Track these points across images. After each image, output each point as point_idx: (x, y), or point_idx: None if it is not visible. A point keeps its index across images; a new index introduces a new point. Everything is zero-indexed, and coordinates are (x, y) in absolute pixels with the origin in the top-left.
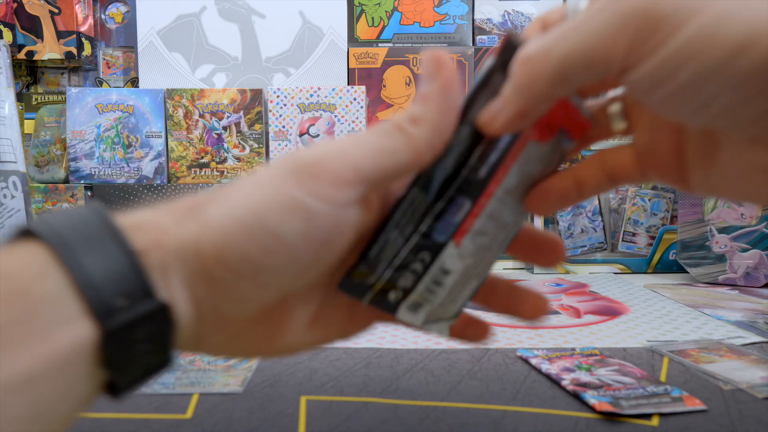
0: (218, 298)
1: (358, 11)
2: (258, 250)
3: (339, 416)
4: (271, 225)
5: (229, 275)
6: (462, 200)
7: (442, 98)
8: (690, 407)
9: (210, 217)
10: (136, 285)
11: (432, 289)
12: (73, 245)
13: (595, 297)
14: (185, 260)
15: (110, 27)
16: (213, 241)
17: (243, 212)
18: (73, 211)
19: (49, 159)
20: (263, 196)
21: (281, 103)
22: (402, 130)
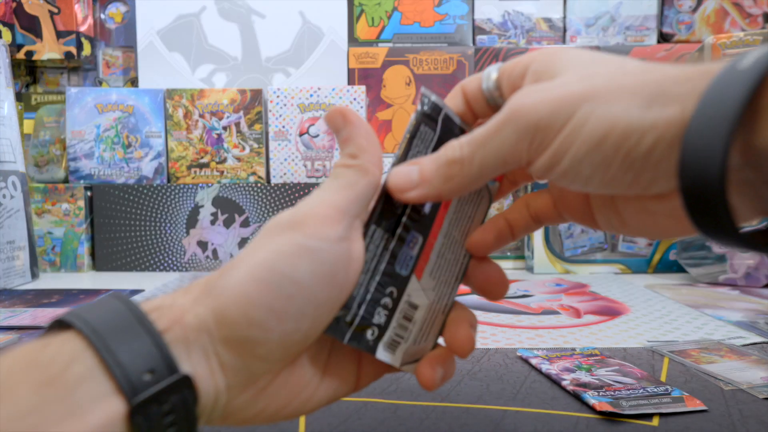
0: (247, 359)
1: (358, 11)
2: (280, 300)
3: (339, 416)
4: (286, 272)
5: (258, 332)
6: (415, 234)
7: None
8: (690, 407)
9: (228, 286)
10: (160, 361)
11: (404, 324)
12: (102, 330)
13: (596, 297)
14: (209, 333)
15: (110, 27)
16: (238, 306)
17: (258, 270)
18: (100, 302)
19: (49, 159)
20: (270, 251)
21: (281, 103)
22: (349, 167)
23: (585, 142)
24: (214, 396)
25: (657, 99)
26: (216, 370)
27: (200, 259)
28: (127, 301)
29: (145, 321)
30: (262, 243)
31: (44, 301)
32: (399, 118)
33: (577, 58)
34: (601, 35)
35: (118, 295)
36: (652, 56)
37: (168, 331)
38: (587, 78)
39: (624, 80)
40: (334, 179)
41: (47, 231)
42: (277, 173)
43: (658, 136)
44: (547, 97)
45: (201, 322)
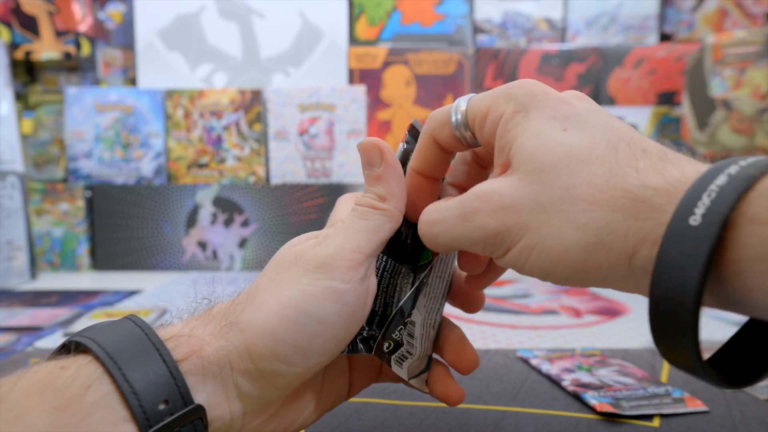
0: (266, 389)
1: (358, 11)
2: (306, 337)
3: (339, 416)
4: (314, 312)
5: (282, 366)
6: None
7: (393, 174)
8: (691, 408)
9: (256, 322)
10: (175, 391)
11: (410, 341)
12: (118, 357)
13: (595, 297)
14: (230, 365)
15: (109, 26)
16: (265, 342)
17: (286, 309)
18: (117, 325)
19: (48, 159)
20: (298, 291)
21: (281, 103)
22: (377, 210)
23: (535, 267)
24: (228, 422)
25: (604, 238)
26: (233, 398)
27: (200, 259)
28: (145, 326)
29: (162, 349)
30: (288, 279)
31: (43, 301)
32: (399, 118)
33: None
34: (602, 35)
35: (136, 318)
36: (652, 56)
37: (185, 360)
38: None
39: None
40: (361, 219)
41: (46, 231)
42: (276, 173)
43: (604, 275)
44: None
45: (221, 356)
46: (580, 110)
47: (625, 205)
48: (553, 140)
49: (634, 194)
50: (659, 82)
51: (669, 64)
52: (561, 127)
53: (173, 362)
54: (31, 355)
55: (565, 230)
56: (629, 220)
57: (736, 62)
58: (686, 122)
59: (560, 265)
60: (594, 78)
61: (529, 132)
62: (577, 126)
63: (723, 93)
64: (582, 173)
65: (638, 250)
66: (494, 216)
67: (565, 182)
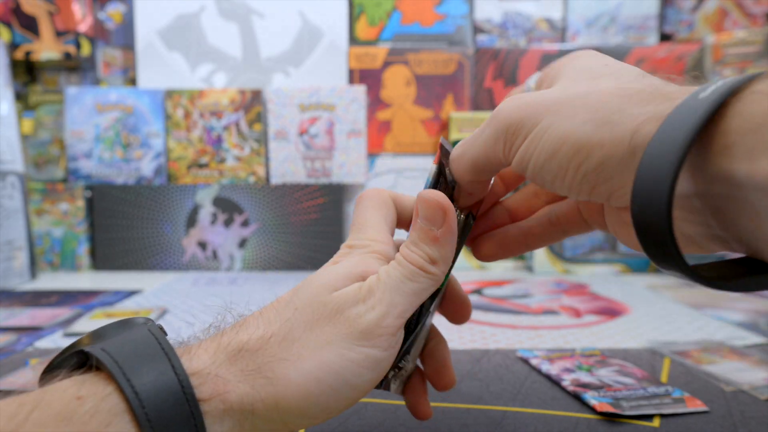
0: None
1: (358, 11)
2: (337, 402)
3: (339, 416)
4: (350, 380)
5: (306, 420)
6: None
7: (450, 239)
8: (691, 408)
9: (292, 380)
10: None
11: (406, 357)
12: (141, 392)
13: (596, 297)
14: (254, 413)
15: (109, 26)
16: (297, 400)
17: (326, 375)
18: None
19: (48, 159)
20: (340, 356)
21: (281, 103)
22: (428, 273)
23: (543, 151)
24: None
25: (612, 117)
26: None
27: (200, 259)
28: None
29: (189, 394)
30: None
31: (43, 301)
32: (399, 118)
33: (580, 68)
34: (602, 35)
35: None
36: (652, 56)
37: (207, 401)
38: (566, 89)
39: (591, 96)
40: (409, 281)
41: (46, 231)
42: (276, 173)
43: (605, 154)
44: (521, 104)
45: (245, 403)
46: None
47: (643, 95)
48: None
49: (655, 87)
50: None
51: (669, 64)
52: (603, 62)
53: (195, 403)
54: (31, 355)
55: (579, 111)
56: (643, 105)
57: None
58: None
59: (565, 144)
60: None
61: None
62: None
63: None
64: (610, 77)
65: (643, 126)
66: (518, 107)
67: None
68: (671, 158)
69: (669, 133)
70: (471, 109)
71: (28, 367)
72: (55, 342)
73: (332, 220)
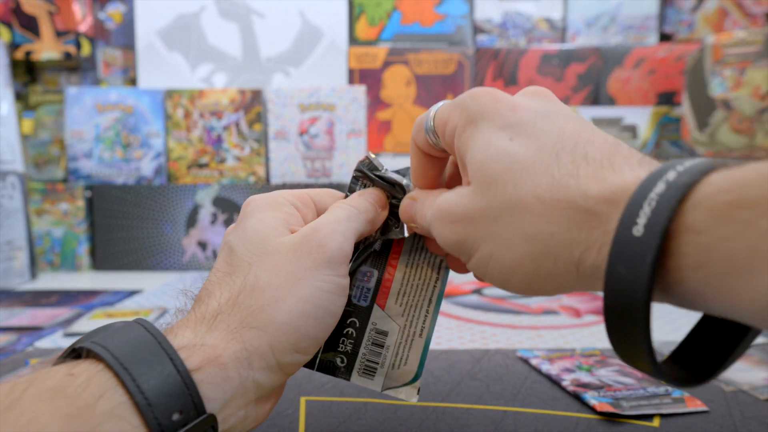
0: (281, 377)
1: (358, 11)
2: (322, 330)
3: (338, 417)
4: (329, 308)
5: (300, 356)
6: (369, 270)
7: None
8: (691, 408)
9: (278, 321)
10: (189, 401)
11: (375, 350)
12: (131, 366)
13: (595, 297)
14: (251, 365)
15: (109, 26)
16: (289, 338)
17: (307, 306)
18: (126, 330)
19: (48, 159)
20: (315, 288)
21: (281, 103)
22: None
23: (494, 276)
24: (243, 416)
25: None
26: (250, 396)
27: (200, 259)
28: (156, 332)
29: (176, 359)
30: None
31: (43, 301)
32: (399, 118)
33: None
34: (602, 35)
35: (145, 322)
36: (652, 56)
37: (199, 370)
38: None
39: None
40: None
41: (46, 231)
42: (276, 173)
43: (558, 282)
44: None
45: (240, 359)
46: (529, 116)
47: (569, 216)
48: (499, 151)
49: (577, 204)
50: (659, 82)
51: (669, 64)
52: (508, 136)
53: (187, 372)
54: (31, 355)
55: (514, 241)
56: (573, 231)
57: (736, 62)
58: (686, 122)
59: (515, 275)
60: (594, 78)
61: (477, 144)
62: (523, 134)
63: (723, 93)
64: (527, 184)
65: (584, 258)
66: (452, 227)
67: (511, 194)
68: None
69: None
70: None
71: (28, 367)
72: (55, 342)
73: None
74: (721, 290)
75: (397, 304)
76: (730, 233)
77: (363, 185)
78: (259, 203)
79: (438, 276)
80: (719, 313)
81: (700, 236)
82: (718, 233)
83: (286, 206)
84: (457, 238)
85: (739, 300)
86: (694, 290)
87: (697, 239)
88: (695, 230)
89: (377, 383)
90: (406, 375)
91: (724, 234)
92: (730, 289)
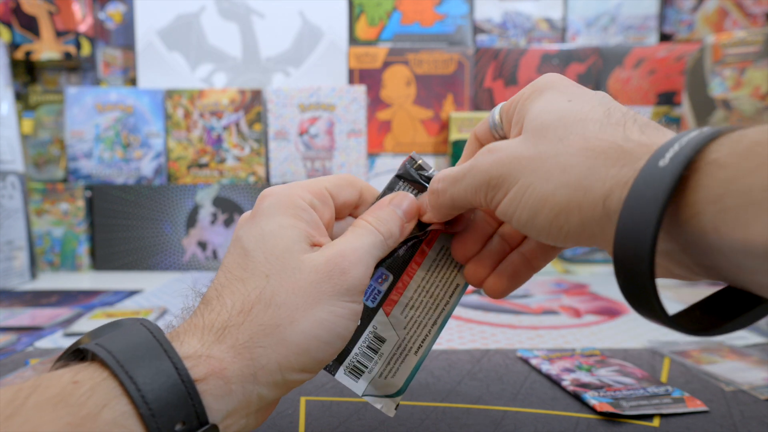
0: (283, 393)
1: (358, 11)
2: (331, 354)
3: (339, 416)
4: (342, 333)
5: (306, 375)
6: (384, 271)
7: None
8: (691, 408)
9: (291, 342)
10: (192, 412)
11: (368, 354)
12: (135, 374)
13: (596, 297)
14: (257, 380)
15: (109, 26)
16: (299, 359)
17: (321, 332)
18: (130, 332)
19: (48, 159)
20: (330, 313)
21: (281, 103)
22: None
23: (525, 210)
24: (244, 425)
25: (583, 182)
26: (252, 408)
27: (200, 259)
28: (161, 338)
29: (181, 369)
30: (317, 297)
31: (43, 301)
32: (399, 118)
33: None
34: (602, 35)
35: (149, 324)
36: (652, 56)
37: (203, 381)
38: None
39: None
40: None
41: (46, 231)
42: (276, 173)
43: (584, 217)
44: (500, 160)
45: (246, 375)
46: (588, 90)
47: (608, 154)
48: (557, 106)
49: (618, 144)
50: (659, 82)
51: (669, 64)
52: (567, 98)
53: (191, 382)
54: (31, 355)
55: (553, 173)
56: (609, 166)
57: (736, 62)
58: (686, 122)
59: (545, 207)
60: (594, 78)
61: (538, 103)
62: (581, 98)
63: (723, 93)
64: (576, 128)
65: (612, 191)
66: (497, 163)
67: (560, 135)
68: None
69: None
70: (471, 109)
71: (28, 367)
72: (55, 342)
73: None
74: (735, 224)
75: (403, 315)
76: (750, 167)
77: (404, 187)
78: (278, 202)
79: (449, 300)
80: (731, 252)
81: (721, 170)
82: (739, 166)
83: (307, 211)
84: (501, 172)
85: (751, 235)
86: (708, 224)
87: (717, 172)
88: (717, 164)
89: (360, 387)
90: (390, 387)
91: (744, 167)
92: (744, 223)
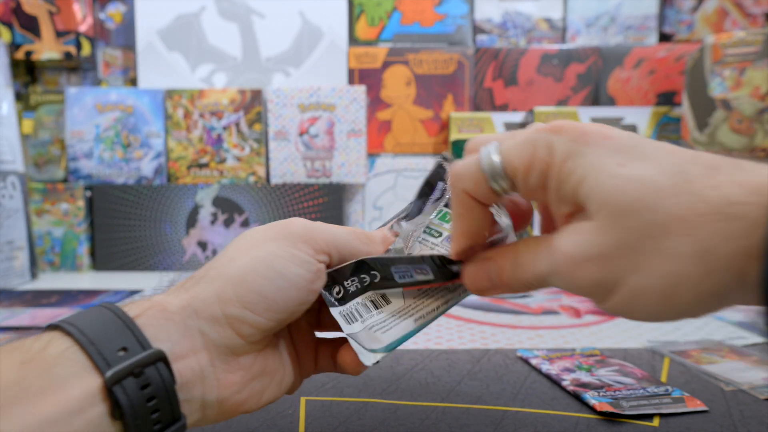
0: (231, 337)
1: (358, 11)
2: (271, 290)
3: (339, 416)
4: (282, 271)
5: (248, 313)
6: (425, 267)
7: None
8: (691, 408)
9: (228, 273)
10: (132, 339)
11: (368, 307)
12: (78, 323)
13: None
14: (197, 312)
15: (109, 26)
16: (235, 289)
17: (257, 264)
18: (90, 310)
19: (48, 159)
20: (267, 252)
21: (281, 103)
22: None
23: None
24: (199, 372)
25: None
26: (199, 346)
27: (200, 259)
28: (106, 303)
29: (117, 310)
30: (258, 244)
31: (43, 301)
32: (399, 118)
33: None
34: (602, 35)
35: (110, 306)
36: (652, 56)
37: (141, 315)
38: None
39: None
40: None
41: (46, 231)
42: (276, 173)
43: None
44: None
45: (184, 306)
46: (627, 140)
47: (719, 228)
48: (622, 179)
49: (724, 213)
50: (659, 82)
51: (669, 64)
52: (618, 163)
53: (127, 316)
54: None
55: (667, 267)
56: (729, 241)
57: (735, 62)
58: (686, 122)
59: (674, 301)
60: (594, 78)
61: (591, 174)
62: (635, 158)
63: (723, 93)
64: (662, 206)
65: (749, 267)
66: (587, 270)
67: (649, 220)
68: None
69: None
70: (471, 109)
71: None
72: None
73: (332, 220)
74: None
75: (414, 297)
76: None
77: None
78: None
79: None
80: None
81: None
82: None
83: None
84: (596, 279)
85: None
86: None
87: None
88: None
89: (347, 329)
90: (376, 342)
91: None
92: None
